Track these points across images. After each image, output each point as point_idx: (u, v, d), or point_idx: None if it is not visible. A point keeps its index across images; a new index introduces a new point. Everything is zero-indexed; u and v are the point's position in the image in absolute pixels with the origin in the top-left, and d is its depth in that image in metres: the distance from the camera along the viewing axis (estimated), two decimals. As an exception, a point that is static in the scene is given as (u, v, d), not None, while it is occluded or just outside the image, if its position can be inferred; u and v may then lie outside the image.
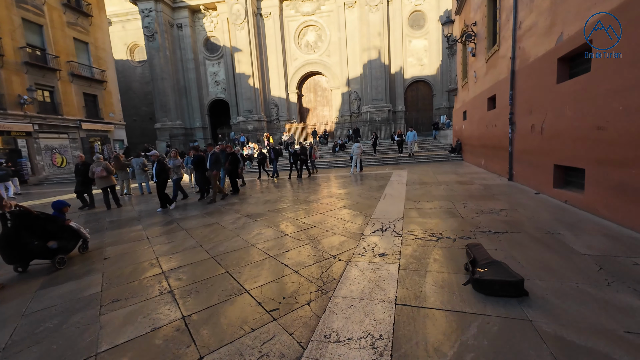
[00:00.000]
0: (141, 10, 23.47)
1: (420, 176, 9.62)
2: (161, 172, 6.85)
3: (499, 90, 8.38)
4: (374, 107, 23.37)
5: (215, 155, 7.55)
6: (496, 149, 8.79)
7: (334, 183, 9.70)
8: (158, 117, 25.15)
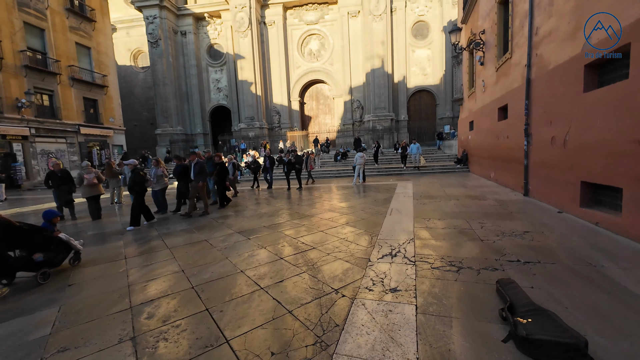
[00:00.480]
0: (146, 17, 23.38)
1: (426, 189, 9.05)
2: (135, 185, 6.00)
3: (512, 99, 7.88)
4: (377, 115, 22.96)
5: (200, 165, 6.72)
6: (508, 162, 8.24)
7: (335, 195, 9.13)
8: (159, 123, 24.81)
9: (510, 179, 8.21)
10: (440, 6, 23.05)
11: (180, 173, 7.15)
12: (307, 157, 12.08)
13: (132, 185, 6.08)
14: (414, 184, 10.24)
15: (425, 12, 23.46)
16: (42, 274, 3.46)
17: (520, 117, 7.30)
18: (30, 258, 3.49)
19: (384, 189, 9.47)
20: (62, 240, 3.80)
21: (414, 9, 23.51)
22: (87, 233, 5.73)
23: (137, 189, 6.04)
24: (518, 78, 7.42)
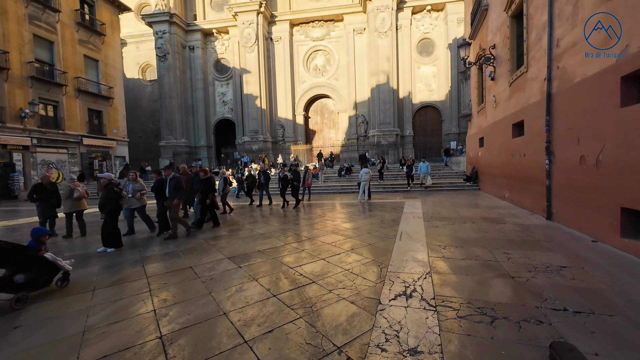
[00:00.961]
0: (155, 32, 23.74)
1: (437, 208, 8.40)
2: (106, 203, 5.19)
3: (529, 115, 7.34)
4: (382, 130, 22.57)
5: (177, 181, 5.85)
6: (526, 182, 7.60)
7: (339, 213, 8.50)
8: (163, 135, 24.71)
9: (528, 201, 7.54)
10: (445, 24, 23.10)
11: (157, 189, 6.36)
12: (306, 173, 11.32)
13: (104, 204, 5.23)
14: (422, 202, 9.59)
15: (431, 29, 23.51)
16: (17, 300, 3.15)
17: (539, 134, 6.73)
18: (11, 279, 3.19)
19: (391, 208, 8.83)
20: (48, 261, 3.49)
21: (419, 27, 23.58)
22: (64, 254, 5.15)
23: (109, 208, 5.20)
24: (536, 93, 6.90)
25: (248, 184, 11.18)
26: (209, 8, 25.49)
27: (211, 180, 7.00)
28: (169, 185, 5.88)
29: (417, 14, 23.47)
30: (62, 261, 3.63)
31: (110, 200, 5.23)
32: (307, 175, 11.29)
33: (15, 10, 14.38)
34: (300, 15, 24.02)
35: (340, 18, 24.06)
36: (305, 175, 11.21)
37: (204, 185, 6.84)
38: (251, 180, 11.17)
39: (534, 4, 6.87)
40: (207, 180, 6.92)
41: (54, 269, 3.55)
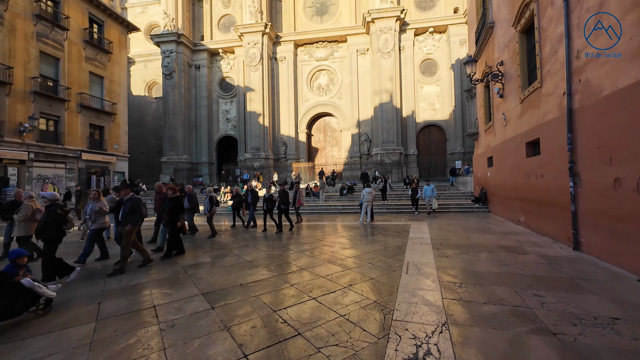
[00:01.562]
0: (163, 51, 24.14)
1: (446, 233, 7.60)
2: (45, 228, 4.33)
3: (545, 133, 6.70)
4: (385, 149, 22.07)
5: (133, 203, 4.95)
6: (546, 206, 6.83)
7: (338, 238, 7.74)
8: (165, 151, 24.49)
9: (549, 227, 6.74)
10: (447, 46, 23.16)
11: (116, 210, 5.53)
12: (296, 193, 10.29)
13: (42, 229, 4.33)
14: (429, 226, 8.79)
15: (433, 50, 23.57)
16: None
17: (559, 154, 6.05)
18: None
19: (395, 232, 8.05)
20: (23, 287, 3.18)
21: (421, 48, 23.67)
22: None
23: (48, 234, 4.33)
24: (553, 109, 6.30)
25: (234, 204, 10.09)
26: (216, 29, 26.05)
27: (179, 200, 6.09)
28: (123, 207, 4.98)
29: (420, 35, 23.64)
30: (41, 287, 3.30)
31: (50, 224, 4.34)
32: (297, 195, 10.20)
33: (23, 28, 14.55)
34: (304, 37, 24.34)
35: (343, 39, 24.32)
36: (296, 196, 10.17)
37: (171, 206, 5.86)
38: (237, 200, 10.06)
39: (547, 16, 6.42)
40: (175, 199, 5.94)
41: (33, 296, 3.23)
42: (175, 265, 5.30)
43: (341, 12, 24.85)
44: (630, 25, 4.09)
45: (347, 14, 24.63)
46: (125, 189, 5.18)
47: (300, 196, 10.28)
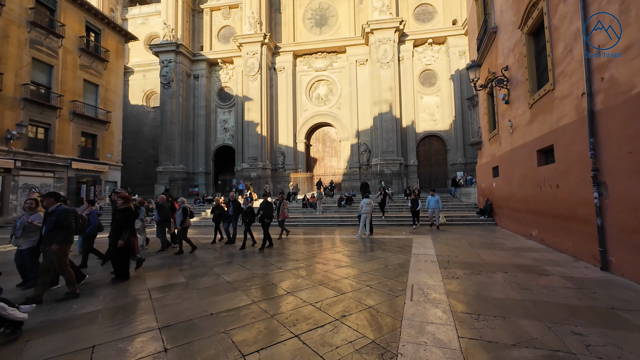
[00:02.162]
0: (161, 60, 23.97)
1: (452, 249, 6.85)
2: None
3: (560, 139, 6.07)
4: (385, 159, 21.50)
5: (59, 216, 3.95)
6: (563, 219, 6.12)
7: (333, 254, 6.98)
8: (161, 160, 23.93)
9: (568, 242, 6.00)
10: (447, 57, 22.98)
11: None
12: (280, 204, 9.05)
13: None
14: (434, 240, 8.04)
15: (433, 61, 23.38)
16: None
17: (578, 161, 5.40)
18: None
19: (396, 247, 7.30)
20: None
21: (421, 59, 23.50)
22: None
23: None
24: (569, 112, 5.70)
25: (215, 217, 8.96)
26: (216, 40, 26.02)
27: (130, 212, 5.10)
28: (47, 222, 3.98)
29: (419, 46, 23.52)
30: (10, 309, 2.89)
31: None
32: (281, 207, 8.98)
33: (17, 35, 14.25)
34: (303, 47, 24.24)
35: (343, 50, 24.20)
36: (280, 208, 9.01)
37: (119, 219, 4.92)
38: (218, 212, 8.88)
39: (559, 13, 5.92)
40: (126, 211, 4.98)
41: None
42: (142, 286, 4.56)
43: (340, 24, 24.85)
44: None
45: (346, 25, 24.62)
46: (50, 198, 4.09)
47: (284, 208, 9.08)
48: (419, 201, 10.75)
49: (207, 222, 13.72)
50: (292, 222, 12.48)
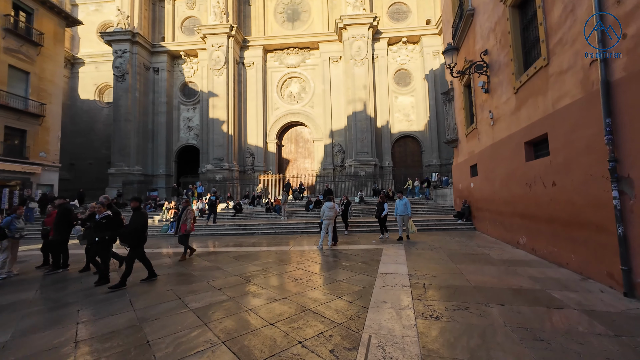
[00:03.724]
0: (115, 51, 21.31)
1: (429, 264, 5.36)
2: None
3: (558, 125, 4.79)
4: (359, 160, 20.17)
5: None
6: (562, 225, 4.82)
7: (277, 276, 5.25)
8: (114, 162, 21.13)
9: (570, 255, 4.69)
10: (421, 57, 22.22)
11: None
12: (183, 212, 6.56)
13: None
14: (407, 251, 6.55)
15: (407, 61, 22.52)
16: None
17: (585, 150, 4.10)
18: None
19: (360, 263, 5.71)
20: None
21: (395, 58, 22.57)
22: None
23: None
24: (571, 89, 4.42)
25: (83, 234, 5.98)
26: (179, 32, 23.68)
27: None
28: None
29: (393, 45, 22.59)
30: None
31: None
32: (183, 217, 6.44)
33: None
34: (274, 42, 22.54)
35: (315, 46, 22.77)
36: (181, 217, 6.47)
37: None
38: (93, 225, 5.88)
39: (555, -33, 4.67)
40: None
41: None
42: None
43: (313, 19, 23.44)
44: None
45: (320, 21, 23.25)
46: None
47: (188, 217, 6.43)
48: (386, 205, 8.55)
49: (156, 230, 11.47)
50: (248, 230, 10.59)
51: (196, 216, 13.17)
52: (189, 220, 6.27)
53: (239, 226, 10.88)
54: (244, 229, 10.58)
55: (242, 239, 9.26)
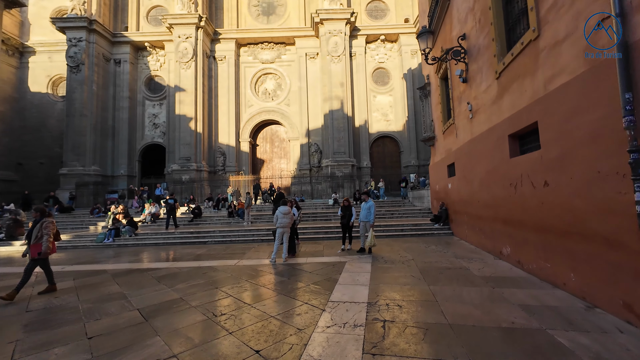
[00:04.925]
0: (69, 39, 19.05)
1: (397, 286, 4.20)
2: None
3: (551, 111, 3.78)
4: (336, 160, 19.06)
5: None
6: (557, 236, 3.80)
7: (197, 307, 3.91)
8: (66, 161, 18.82)
9: (568, 273, 3.66)
10: (399, 55, 21.47)
11: None
12: (34, 228, 4.47)
13: None
14: (373, 266, 5.38)
15: (385, 59, 21.72)
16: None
17: (590, 140, 3.08)
18: None
19: (312, 285, 4.45)
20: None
21: (373, 56, 21.72)
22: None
23: None
24: (570, 64, 3.41)
25: None
26: (145, 21, 21.67)
27: None
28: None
29: (372, 43, 21.74)
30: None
31: None
32: (36, 232, 4.42)
33: None
34: (247, 35, 21.05)
35: (291, 41, 21.50)
36: (34, 233, 4.42)
37: None
38: None
39: None
40: None
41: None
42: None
43: (289, 14, 22.18)
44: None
45: (296, 16, 22.03)
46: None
47: (44, 233, 4.40)
48: (353, 210, 6.88)
49: (90, 239, 9.62)
50: (200, 239, 9.05)
51: (147, 222, 11.48)
52: (46, 238, 4.28)
53: (191, 233, 9.36)
54: (197, 236, 9.09)
55: (188, 250, 7.77)
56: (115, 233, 8.90)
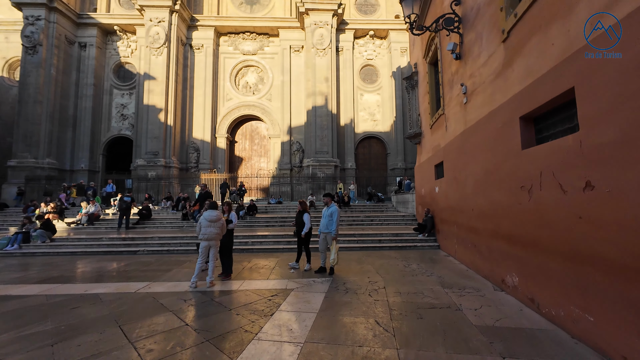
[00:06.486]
0: (26, 17, 16.91)
1: (350, 345, 2.55)
2: None
3: (599, 69, 2.20)
4: (318, 160, 17.44)
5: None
6: (606, 271, 2.20)
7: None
8: (16, 152, 16.56)
9: (635, 340, 2.10)
10: (389, 52, 20.11)
11: None
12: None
13: None
14: (327, 301, 3.70)
15: (374, 56, 20.31)
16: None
17: None
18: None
19: (211, 345, 2.77)
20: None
21: (362, 52, 20.28)
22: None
23: None
24: None
25: None
26: (116, 4, 19.63)
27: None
28: None
29: (360, 38, 20.31)
30: None
31: None
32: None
33: None
34: (227, 23, 19.29)
35: (275, 32, 19.85)
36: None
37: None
38: None
39: None
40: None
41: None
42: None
43: (274, 4, 20.53)
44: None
45: (281, 7, 20.40)
46: None
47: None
48: (307, 215, 5.21)
49: None
50: (131, 247, 7.11)
51: (82, 223, 9.53)
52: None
53: (123, 240, 7.50)
54: (128, 244, 7.23)
55: (103, 264, 5.92)
56: (23, 238, 6.96)
